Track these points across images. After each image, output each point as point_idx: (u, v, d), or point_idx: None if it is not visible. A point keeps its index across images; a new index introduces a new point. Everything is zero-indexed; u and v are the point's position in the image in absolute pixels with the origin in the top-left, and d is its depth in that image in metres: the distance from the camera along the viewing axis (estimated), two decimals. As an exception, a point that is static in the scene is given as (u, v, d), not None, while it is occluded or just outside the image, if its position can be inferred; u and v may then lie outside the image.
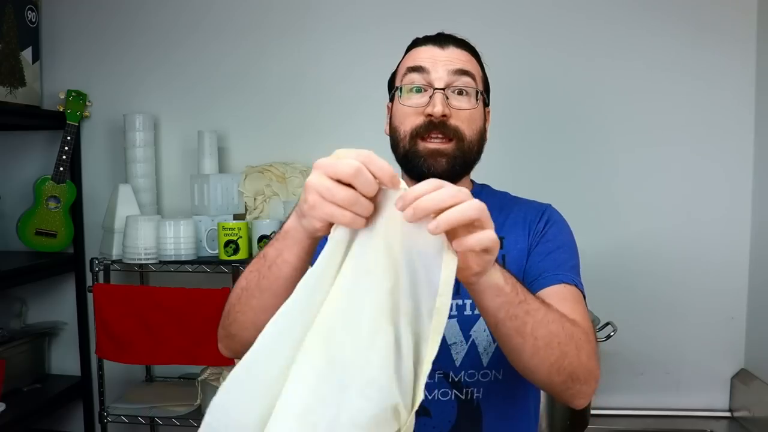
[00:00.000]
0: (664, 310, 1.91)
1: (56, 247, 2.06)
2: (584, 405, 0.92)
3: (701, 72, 1.87)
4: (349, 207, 0.67)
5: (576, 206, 1.91)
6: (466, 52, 1.07)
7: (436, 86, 1.01)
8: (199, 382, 1.78)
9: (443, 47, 1.05)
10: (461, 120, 1.02)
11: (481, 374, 1.02)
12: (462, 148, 1.02)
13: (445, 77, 1.02)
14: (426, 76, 1.02)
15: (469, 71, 1.04)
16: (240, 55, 2.04)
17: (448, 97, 1.01)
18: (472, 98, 1.04)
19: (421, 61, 1.04)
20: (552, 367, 0.83)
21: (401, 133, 1.04)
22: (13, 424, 1.81)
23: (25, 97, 2.01)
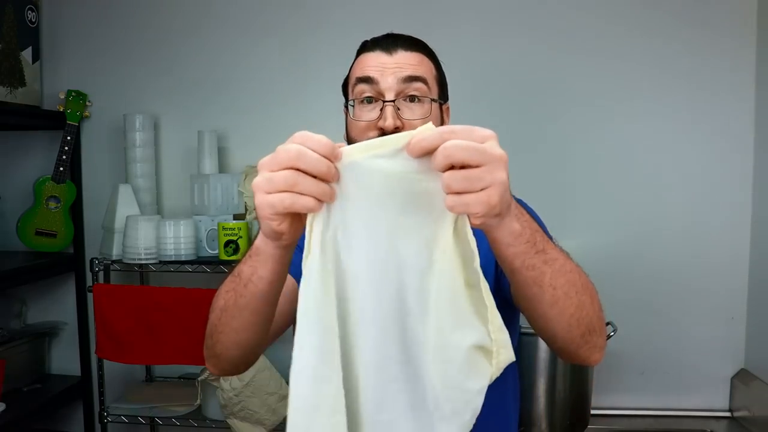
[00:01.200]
0: (664, 310, 1.91)
1: (56, 247, 2.06)
2: (599, 360, 0.89)
3: (701, 72, 1.86)
4: (292, 188, 0.63)
5: (576, 206, 1.93)
6: (417, 53, 1.05)
7: (386, 98, 1.00)
8: (199, 382, 1.78)
9: (391, 53, 1.03)
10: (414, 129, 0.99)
11: None
12: None
13: (395, 86, 1.00)
14: (375, 87, 1.01)
15: (420, 76, 1.02)
16: (240, 55, 2.04)
17: (399, 108, 1.00)
18: (425, 105, 1.02)
19: (369, 71, 1.02)
20: (572, 318, 0.80)
21: None
22: (13, 424, 1.81)
23: (25, 97, 2.01)
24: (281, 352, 1.88)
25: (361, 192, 0.64)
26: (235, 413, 1.73)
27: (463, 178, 0.61)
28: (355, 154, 0.63)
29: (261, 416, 1.73)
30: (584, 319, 0.82)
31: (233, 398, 1.71)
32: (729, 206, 1.88)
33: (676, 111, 1.89)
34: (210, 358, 0.96)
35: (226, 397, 1.72)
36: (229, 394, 1.71)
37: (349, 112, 1.05)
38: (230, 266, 1.78)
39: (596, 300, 0.86)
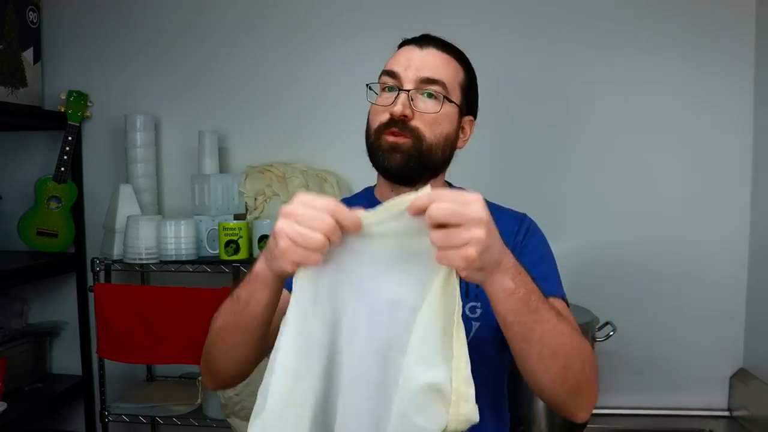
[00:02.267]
0: (663, 310, 1.91)
1: (57, 247, 2.06)
2: (585, 419, 0.95)
3: (700, 72, 1.87)
4: (321, 250, 0.73)
5: (576, 206, 1.93)
6: (446, 55, 1.09)
7: (403, 87, 1.05)
8: (200, 381, 1.79)
9: (422, 47, 1.08)
10: (423, 122, 1.05)
11: None
12: (419, 147, 1.05)
13: (413, 81, 1.05)
14: (397, 79, 1.07)
15: (439, 79, 1.06)
16: (240, 56, 2.05)
17: (413, 99, 1.05)
18: (440, 102, 1.06)
19: (395, 65, 1.08)
20: (557, 375, 0.85)
21: (370, 128, 1.09)
22: (15, 423, 1.81)
23: (27, 97, 2.02)
24: (281, 351, 1.89)
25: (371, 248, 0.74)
26: (236, 413, 1.74)
27: (444, 234, 0.70)
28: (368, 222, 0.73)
29: (261, 415, 1.74)
30: (570, 380, 0.87)
31: (234, 398, 1.72)
32: (728, 207, 1.88)
33: (676, 112, 1.89)
34: (206, 374, 1.03)
35: (227, 397, 1.73)
36: (229, 394, 1.72)
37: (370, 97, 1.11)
38: (231, 266, 1.79)
39: (588, 364, 0.90)
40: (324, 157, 2.00)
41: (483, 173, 1.93)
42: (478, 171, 1.93)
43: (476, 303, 1.07)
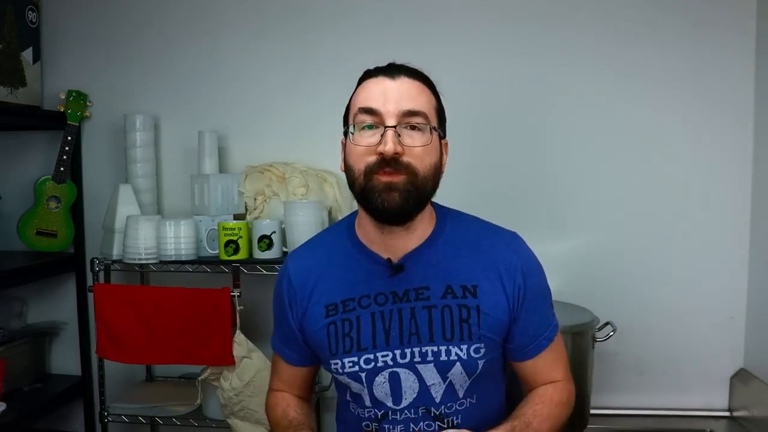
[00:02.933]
0: (664, 310, 1.91)
1: (57, 247, 2.06)
2: None
3: (700, 72, 1.86)
4: None
5: (576, 207, 1.93)
6: (419, 83, 1.07)
7: (387, 124, 1.01)
8: (200, 381, 1.78)
9: (394, 78, 1.05)
10: (414, 156, 1.02)
11: (458, 404, 1.11)
12: (415, 182, 1.02)
13: (395, 115, 1.02)
14: (377, 116, 1.02)
15: (420, 110, 1.03)
16: (240, 55, 2.04)
17: (399, 134, 1.01)
18: (426, 134, 1.03)
19: (372, 101, 1.03)
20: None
21: (356, 171, 1.04)
22: (14, 423, 1.81)
23: (26, 97, 2.01)
24: (281, 351, 1.88)
25: None
26: (236, 413, 1.74)
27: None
28: None
29: (261, 416, 1.73)
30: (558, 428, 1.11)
31: (233, 398, 1.72)
32: (728, 206, 1.88)
33: (676, 112, 1.89)
34: None
35: (227, 397, 1.72)
36: (229, 394, 1.71)
37: (349, 138, 1.06)
38: (230, 266, 1.78)
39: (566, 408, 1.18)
40: (324, 157, 2.00)
41: (483, 176, 1.93)
42: (478, 175, 1.93)
43: (480, 344, 1.09)
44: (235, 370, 1.71)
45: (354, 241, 1.14)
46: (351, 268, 1.12)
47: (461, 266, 1.10)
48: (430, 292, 1.09)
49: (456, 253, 1.10)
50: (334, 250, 1.16)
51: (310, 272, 1.15)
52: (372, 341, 1.09)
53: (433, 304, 1.08)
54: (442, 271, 1.09)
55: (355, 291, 1.11)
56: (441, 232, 1.13)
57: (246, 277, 1.80)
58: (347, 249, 1.14)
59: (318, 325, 1.12)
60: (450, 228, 1.14)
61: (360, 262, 1.12)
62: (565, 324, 1.60)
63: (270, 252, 1.77)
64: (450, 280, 1.09)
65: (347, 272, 1.12)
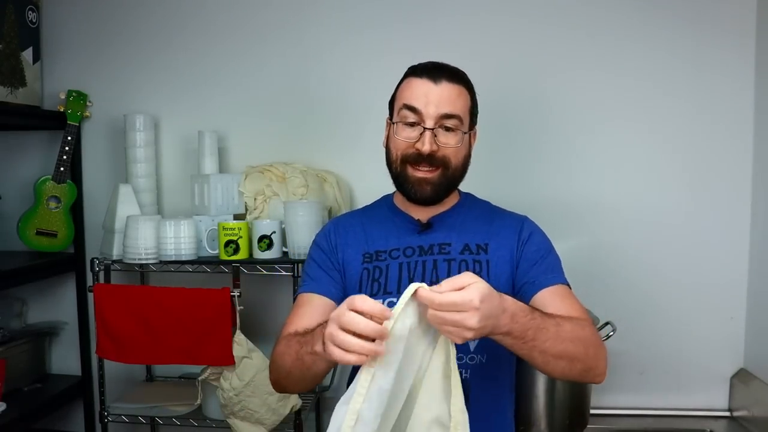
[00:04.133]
0: (664, 310, 1.91)
1: (57, 247, 2.06)
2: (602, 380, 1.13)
3: (700, 72, 1.87)
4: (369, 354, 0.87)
5: (576, 207, 1.93)
6: (458, 86, 1.23)
7: (426, 125, 1.19)
8: (200, 381, 1.78)
9: (436, 82, 1.20)
10: (448, 152, 1.21)
11: (468, 358, 1.20)
12: (447, 174, 1.22)
13: (435, 117, 1.19)
14: (418, 115, 1.20)
15: (457, 114, 1.21)
16: (240, 55, 2.05)
17: (436, 134, 1.19)
18: (458, 135, 1.21)
19: (414, 101, 1.20)
20: (565, 368, 1.03)
21: (394, 155, 1.24)
22: (14, 423, 1.81)
23: (26, 97, 2.01)
24: (281, 351, 1.88)
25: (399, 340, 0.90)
26: (236, 413, 1.74)
27: (441, 322, 0.87)
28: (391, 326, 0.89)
29: (261, 416, 1.73)
30: (577, 366, 1.04)
31: (233, 398, 1.72)
32: (728, 206, 1.88)
33: (676, 112, 1.89)
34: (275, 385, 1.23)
35: (227, 397, 1.72)
36: (229, 394, 1.71)
37: (393, 129, 1.25)
38: (230, 266, 1.78)
39: (592, 346, 1.07)
40: (324, 157, 2.00)
41: (486, 177, 1.92)
42: (481, 174, 1.93)
43: None
44: (235, 370, 1.71)
45: (391, 206, 1.34)
46: (386, 227, 1.30)
47: (478, 229, 1.28)
48: (451, 247, 1.26)
49: (474, 220, 1.30)
50: (374, 213, 1.36)
51: (352, 226, 1.34)
52: (397, 286, 1.23)
53: (452, 258, 1.25)
54: (462, 231, 1.27)
55: (388, 244, 1.28)
56: (463, 204, 1.34)
57: (246, 277, 1.79)
58: (384, 212, 1.35)
59: (355, 270, 1.28)
60: (471, 203, 1.36)
61: (394, 221, 1.31)
62: (565, 324, 1.60)
63: (270, 252, 1.77)
64: (468, 240, 1.26)
65: (383, 229, 1.30)
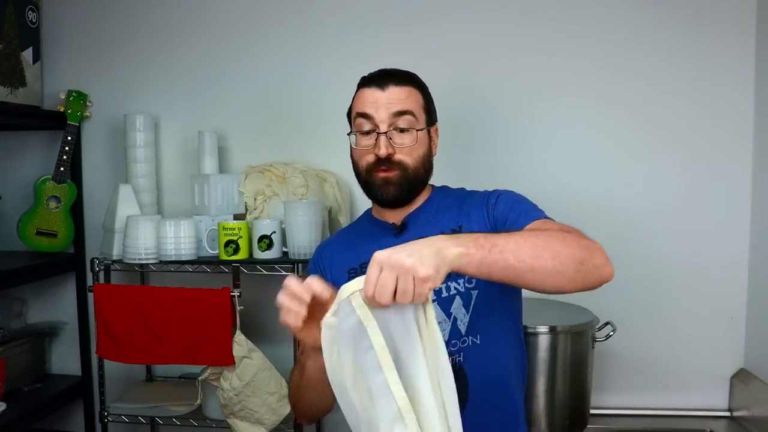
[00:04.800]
0: (664, 310, 1.91)
1: (57, 247, 2.06)
2: (612, 272, 1.04)
3: (700, 72, 1.87)
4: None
5: (576, 207, 1.92)
6: (406, 87, 1.25)
7: (379, 130, 1.22)
8: (200, 381, 1.78)
9: (383, 88, 1.24)
10: (404, 153, 1.23)
11: (461, 341, 1.20)
12: (406, 176, 1.24)
13: (387, 120, 1.22)
14: (371, 121, 1.23)
15: (408, 110, 1.23)
16: (240, 55, 2.05)
17: (391, 137, 1.22)
18: (413, 134, 1.23)
19: (365, 107, 1.24)
20: (554, 266, 0.96)
21: (359, 167, 1.28)
22: (14, 423, 1.81)
23: (26, 97, 2.01)
24: (281, 351, 1.89)
25: None
26: (236, 413, 1.74)
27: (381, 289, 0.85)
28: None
29: (261, 416, 1.74)
30: (567, 259, 0.97)
31: (233, 398, 1.72)
32: (728, 206, 1.88)
33: (676, 112, 1.89)
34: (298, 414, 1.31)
35: (227, 397, 1.72)
36: (229, 394, 1.71)
37: (351, 140, 1.28)
38: (230, 266, 1.78)
39: (570, 237, 1.02)
40: (324, 157, 2.00)
41: (480, 175, 1.93)
42: (476, 175, 1.93)
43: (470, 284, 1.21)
44: (235, 370, 1.71)
45: (369, 217, 1.37)
46: (366, 238, 1.31)
47: (450, 216, 1.28)
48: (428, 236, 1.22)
49: (447, 209, 1.29)
50: (356, 228, 1.40)
51: (336, 247, 1.36)
52: None
53: None
54: (436, 223, 1.27)
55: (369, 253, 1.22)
56: (435, 197, 1.33)
57: (246, 277, 1.79)
58: (364, 225, 1.37)
59: None
60: (443, 194, 1.35)
61: (372, 231, 1.33)
62: (565, 324, 1.61)
63: (270, 252, 1.77)
64: (442, 227, 1.25)
65: (364, 242, 1.30)
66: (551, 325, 1.58)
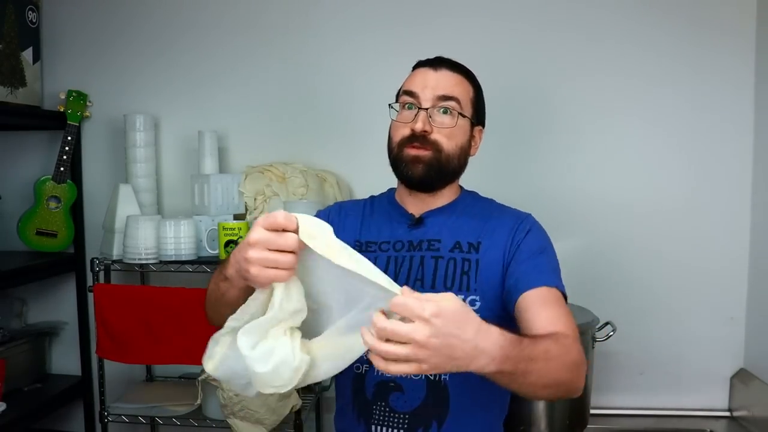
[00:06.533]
0: (664, 310, 1.91)
1: (57, 247, 2.06)
2: (579, 393, 1.03)
3: (700, 72, 1.87)
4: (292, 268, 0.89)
5: (576, 207, 1.93)
6: (458, 75, 1.23)
7: (422, 106, 1.19)
8: (200, 381, 1.78)
9: (436, 69, 1.22)
10: (442, 134, 1.19)
11: None
12: (439, 158, 1.19)
13: (431, 99, 1.19)
14: (417, 98, 1.20)
15: (454, 96, 1.20)
16: (240, 55, 2.04)
17: (431, 116, 1.19)
18: (455, 117, 1.20)
19: (413, 86, 1.21)
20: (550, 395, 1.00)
21: (393, 141, 1.23)
22: (14, 423, 1.81)
23: (26, 97, 2.01)
24: (281, 351, 1.88)
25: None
26: (236, 413, 1.74)
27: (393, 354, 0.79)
28: None
29: (261, 416, 1.74)
30: (562, 389, 0.98)
31: (233, 398, 1.72)
32: (728, 207, 1.88)
33: (676, 113, 1.89)
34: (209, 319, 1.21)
35: (227, 397, 1.72)
36: (229, 394, 1.71)
37: (392, 114, 1.25)
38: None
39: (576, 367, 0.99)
40: (324, 157, 2.00)
41: (487, 175, 1.93)
42: (482, 173, 1.93)
43: (476, 296, 1.16)
44: (235, 370, 1.71)
45: (391, 199, 1.32)
46: (382, 219, 1.28)
47: (472, 227, 1.23)
48: (440, 244, 1.22)
49: (470, 218, 1.25)
50: (374, 204, 1.34)
51: (354, 212, 1.32)
52: None
53: (440, 255, 1.20)
54: (455, 229, 1.23)
55: (380, 236, 1.26)
56: (461, 201, 1.29)
57: (246, 277, 1.79)
58: (383, 204, 1.32)
59: None
60: (469, 200, 1.30)
61: (390, 214, 1.29)
62: (565, 324, 1.60)
63: (270, 252, 1.77)
64: (459, 237, 1.22)
65: (377, 220, 1.28)
66: (551, 325, 1.58)
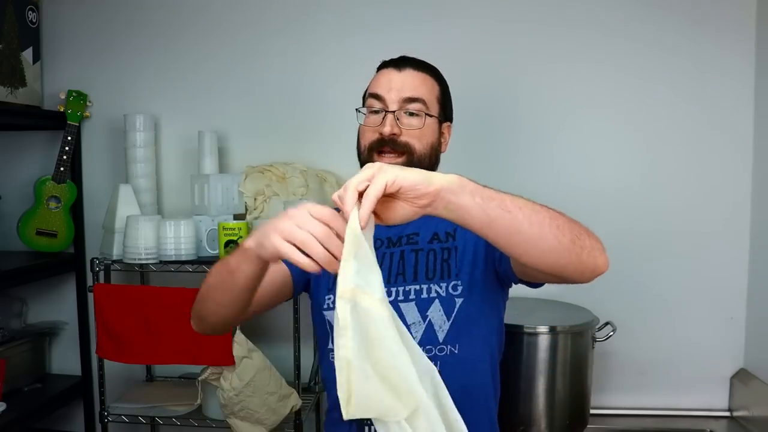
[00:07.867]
0: (664, 310, 1.91)
1: (57, 247, 2.06)
2: (606, 263, 0.97)
3: (700, 72, 1.87)
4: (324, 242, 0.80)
5: (576, 206, 1.92)
6: (422, 73, 1.22)
7: (388, 109, 1.18)
8: (200, 381, 1.78)
9: (401, 69, 1.21)
10: (411, 136, 1.18)
11: (437, 349, 1.15)
12: (412, 161, 1.18)
13: (397, 102, 1.18)
14: (382, 101, 1.20)
15: (419, 97, 1.19)
16: (240, 55, 2.05)
17: (398, 118, 1.18)
18: (422, 119, 1.19)
19: (378, 88, 1.21)
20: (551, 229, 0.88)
21: (361, 147, 1.23)
22: (14, 423, 1.81)
23: (26, 97, 2.01)
24: (281, 351, 1.89)
25: None
26: (236, 413, 1.74)
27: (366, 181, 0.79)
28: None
29: (261, 416, 1.73)
30: (564, 227, 0.90)
31: (233, 398, 1.72)
32: (728, 206, 1.88)
33: (676, 112, 1.89)
34: (194, 318, 1.13)
35: (227, 397, 1.72)
36: (229, 394, 1.71)
37: (359, 119, 1.24)
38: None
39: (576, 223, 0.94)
40: (324, 157, 2.00)
41: (480, 175, 1.93)
42: (474, 174, 1.93)
43: (457, 281, 1.17)
44: (235, 370, 1.71)
45: None
46: None
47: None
48: (419, 237, 1.22)
49: None
50: None
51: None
52: None
53: (420, 248, 1.21)
54: (432, 222, 1.17)
55: None
56: None
57: (246, 277, 1.79)
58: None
59: None
60: None
61: None
62: (565, 324, 1.61)
63: (270, 252, 1.77)
64: (437, 228, 1.22)
65: None
66: (551, 325, 1.58)
